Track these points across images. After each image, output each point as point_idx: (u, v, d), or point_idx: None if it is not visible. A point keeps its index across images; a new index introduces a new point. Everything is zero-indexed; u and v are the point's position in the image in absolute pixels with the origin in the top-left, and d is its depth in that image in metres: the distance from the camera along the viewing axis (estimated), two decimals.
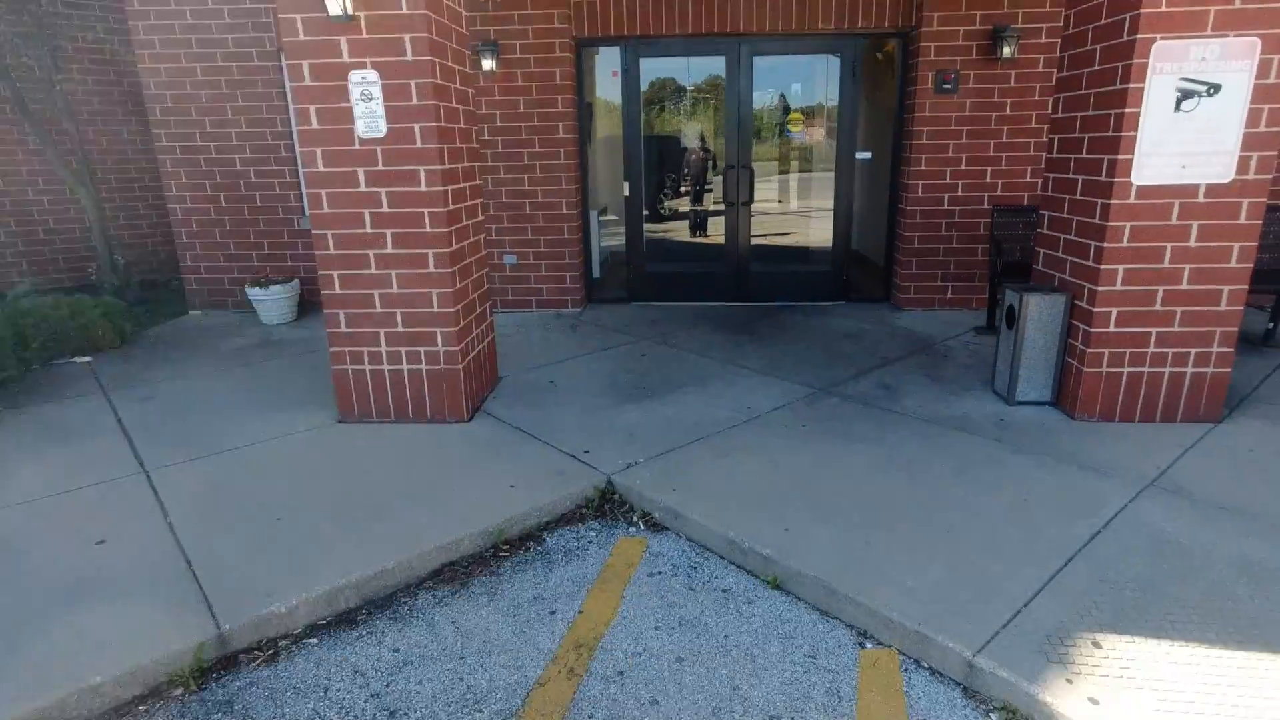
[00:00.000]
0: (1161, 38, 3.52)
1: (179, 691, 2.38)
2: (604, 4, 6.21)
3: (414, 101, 3.83)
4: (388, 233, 4.03)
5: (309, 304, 6.95)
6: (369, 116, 3.86)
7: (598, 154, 7.28)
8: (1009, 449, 3.75)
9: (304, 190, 6.72)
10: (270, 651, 2.56)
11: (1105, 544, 2.88)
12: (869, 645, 2.54)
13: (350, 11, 3.66)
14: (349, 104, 3.85)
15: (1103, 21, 3.80)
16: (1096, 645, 2.32)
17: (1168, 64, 3.55)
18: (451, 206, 4.09)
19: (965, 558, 2.81)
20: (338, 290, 4.15)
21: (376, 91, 3.82)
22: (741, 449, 3.82)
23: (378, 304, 4.15)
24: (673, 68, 7.00)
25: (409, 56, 3.76)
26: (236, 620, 2.55)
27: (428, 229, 4.02)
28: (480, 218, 4.64)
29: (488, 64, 6.15)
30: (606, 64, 6.93)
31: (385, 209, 4.00)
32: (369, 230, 4.03)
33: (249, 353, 5.79)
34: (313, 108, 3.88)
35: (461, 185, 4.26)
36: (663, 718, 2.25)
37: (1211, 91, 3.57)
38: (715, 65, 6.70)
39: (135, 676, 2.34)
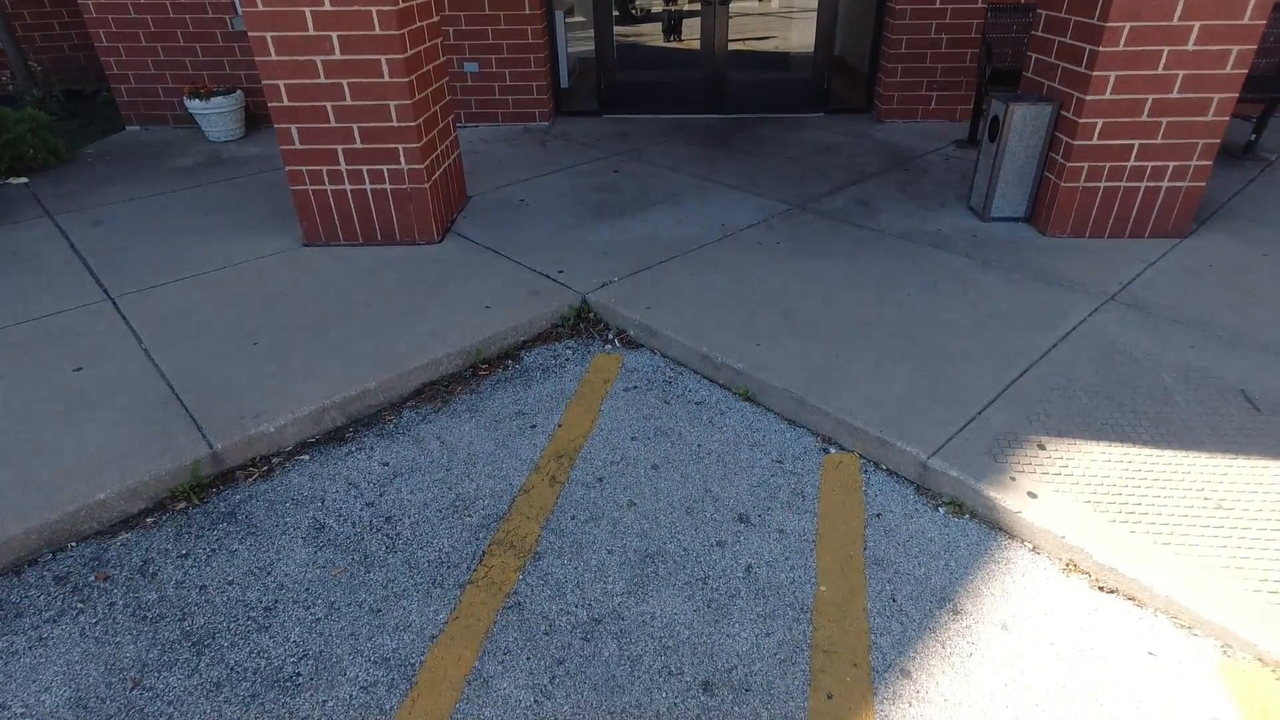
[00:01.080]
0: None
1: (182, 505, 2.51)
2: None
3: None
4: (333, 35, 3.68)
5: (258, 118, 6.49)
6: None
7: None
8: (979, 265, 3.81)
9: None
10: (265, 468, 2.68)
11: (1061, 355, 3.03)
12: (833, 451, 2.73)
13: None
14: None
15: None
16: (1041, 447, 2.51)
17: None
18: (402, 4, 3.71)
19: (929, 369, 2.94)
20: (285, 102, 3.85)
21: None
22: (715, 266, 3.82)
23: (331, 117, 3.88)
24: None
25: None
26: (227, 439, 2.63)
27: (377, 30, 3.67)
28: (435, 18, 4.23)
29: None
30: None
31: (328, 7, 3.61)
32: (312, 33, 3.67)
33: (199, 172, 5.47)
34: None
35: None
36: (640, 516, 2.44)
37: None
38: None
39: (138, 492, 2.45)
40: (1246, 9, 3.50)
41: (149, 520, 2.45)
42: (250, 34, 3.69)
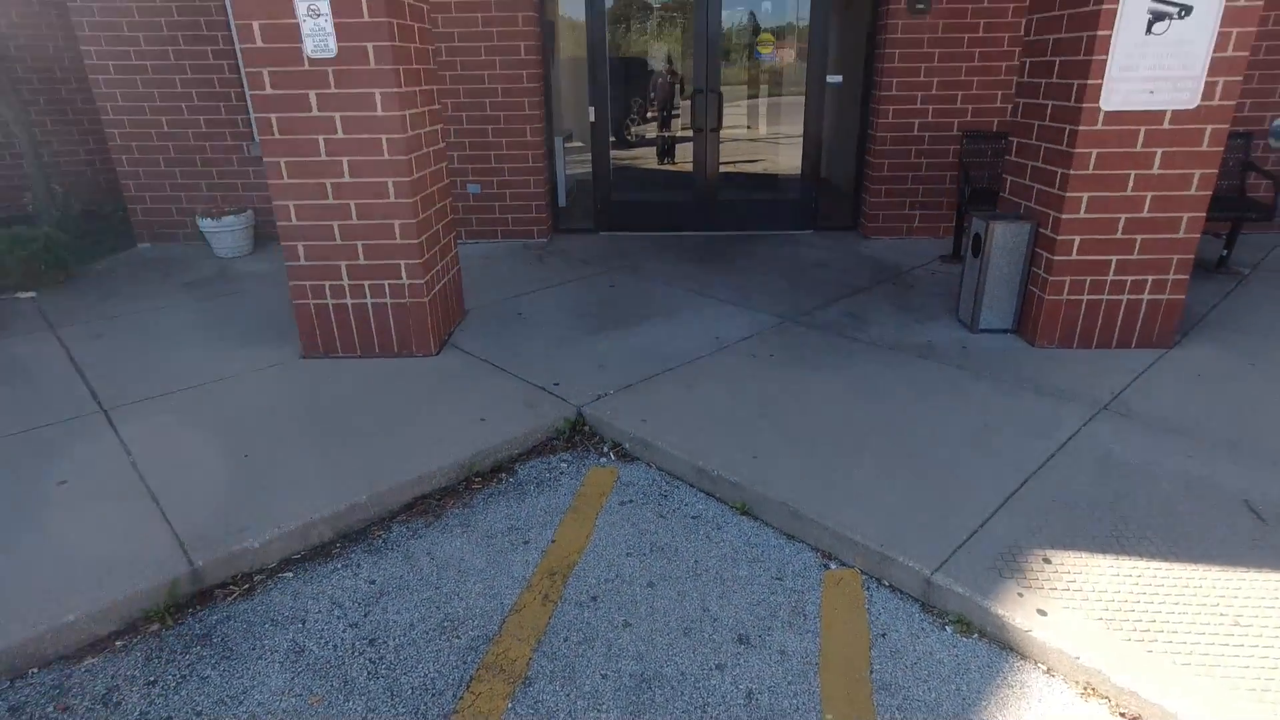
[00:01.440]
0: None
1: (155, 626, 2.40)
2: None
3: (365, 18, 3.61)
4: (344, 160, 3.87)
5: (265, 236, 6.72)
6: (317, 34, 3.64)
7: (562, 76, 7.01)
8: (970, 375, 3.84)
9: (252, 115, 6.39)
10: (245, 585, 2.58)
11: (1059, 465, 3.00)
12: (833, 566, 2.65)
13: None
14: (296, 20, 3.62)
15: None
16: (1047, 561, 2.45)
17: None
18: (410, 132, 3.93)
19: (926, 480, 2.91)
20: (294, 221, 4.00)
21: (324, 7, 3.59)
22: (710, 378, 3.85)
23: (337, 235, 4.02)
24: None
25: None
26: (209, 556, 2.55)
27: (386, 156, 3.86)
28: (441, 144, 4.48)
29: None
30: None
31: (340, 135, 3.82)
32: (324, 157, 3.87)
33: (204, 286, 5.60)
34: (255, 23, 3.64)
35: (420, 110, 4.09)
36: (636, 638, 2.33)
37: (1183, 13, 3.53)
38: None
39: (109, 613, 2.35)
40: (1203, 138, 3.73)
41: (118, 643, 2.33)
42: (265, 159, 3.89)
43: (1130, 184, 3.84)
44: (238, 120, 6.51)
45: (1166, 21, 3.54)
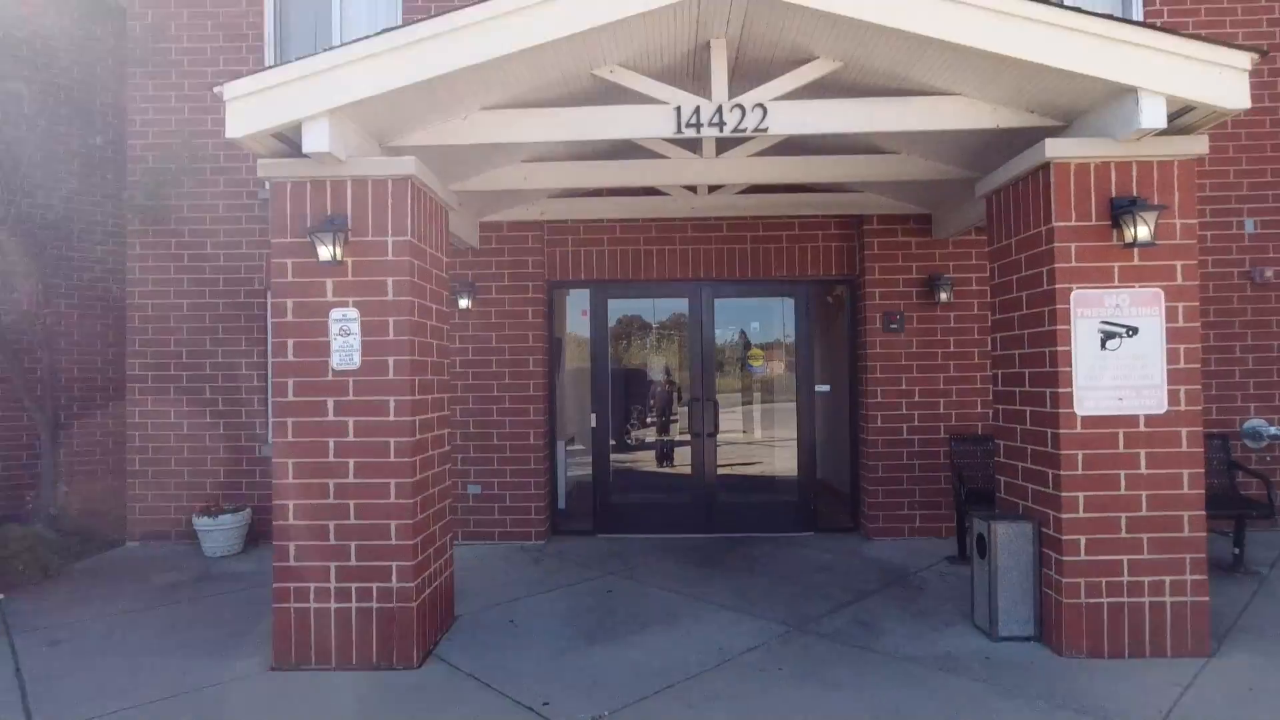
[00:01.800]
0: (1077, 287, 3.91)
1: None
2: (574, 254, 6.80)
3: (390, 337, 3.98)
4: (350, 462, 3.98)
5: (260, 534, 6.62)
6: (345, 350, 3.98)
7: (566, 385, 7.53)
8: (999, 692, 3.50)
9: (270, 419, 6.72)
10: None
11: None
12: None
13: (339, 257, 3.93)
14: (327, 339, 3.99)
15: (1024, 273, 4.24)
16: None
17: (1088, 309, 3.91)
18: (418, 436, 4.09)
19: None
20: (291, 520, 3.98)
21: (355, 328, 3.98)
22: (714, 698, 3.50)
23: (332, 535, 3.97)
24: (639, 307, 7.51)
25: (389, 296, 3.99)
26: None
27: (392, 458, 3.98)
28: (447, 448, 4.64)
29: (464, 302, 6.53)
30: (577, 303, 7.41)
31: (351, 438, 3.98)
32: (331, 459, 3.98)
33: (183, 589, 5.37)
34: (290, 341, 4.00)
35: (430, 415, 4.31)
36: None
37: (1131, 333, 3.90)
38: (679, 305, 7.22)
39: None
40: (1181, 439, 3.88)
41: None
42: (274, 460, 3.99)
43: (1123, 483, 3.89)
44: (255, 424, 6.82)
45: (1118, 339, 3.90)
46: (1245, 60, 3.57)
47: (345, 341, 3.98)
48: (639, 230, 6.78)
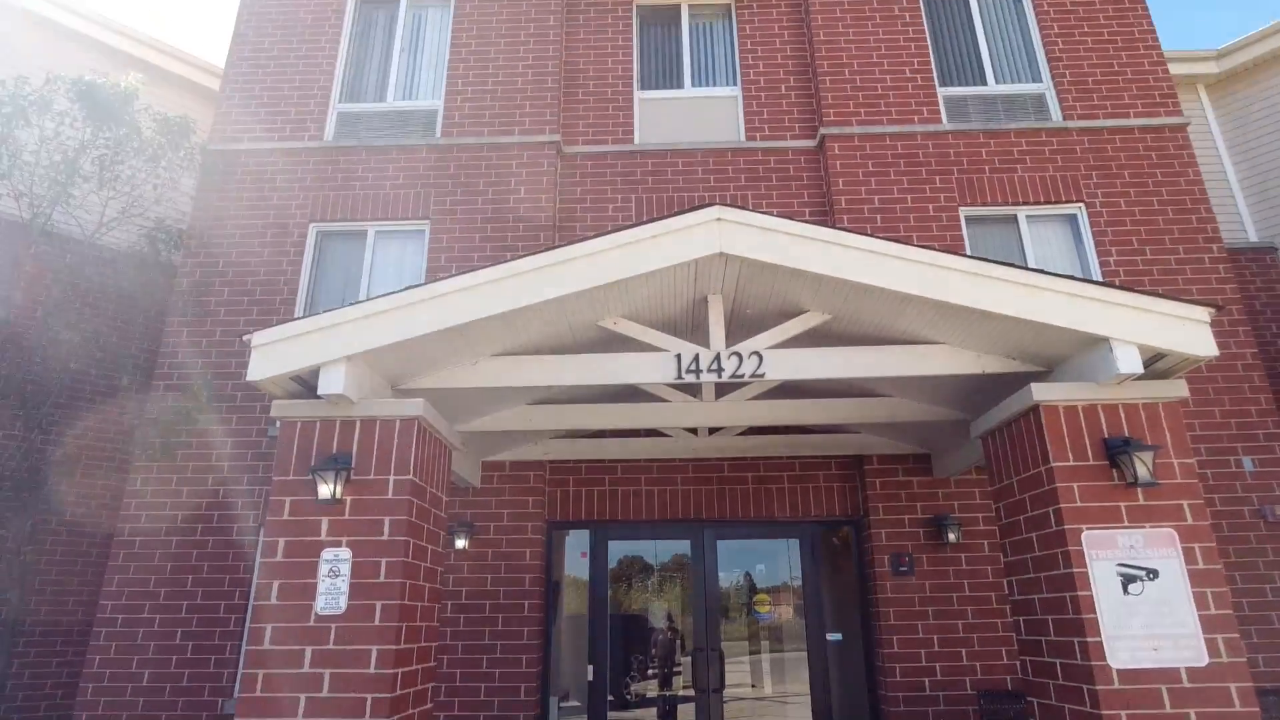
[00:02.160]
0: (1088, 528, 3.84)
1: None
2: (576, 494, 6.77)
3: (381, 579, 3.83)
4: None
5: None
6: (331, 593, 3.81)
7: (563, 632, 7.06)
8: None
9: (240, 670, 6.22)
10: None
11: None
12: None
13: (338, 495, 3.92)
14: (315, 580, 3.83)
15: (1031, 513, 4.19)
16: None
17: (1102, 550, 3.79)
18: (399, 692, 3.76)
19: None
20: None
21: (345, 569, 3.85)
22: None
23: None
24: (640, 548, 7.30)
25: (385, 536, 3.91)
26: None
27: (367, 717, 3.61)
28: (428, 705, 4.23)
29: (460, 543, 6.36)
30: (576, 545, 7.21)
31: (324, 694, 3.65)
32: (300, 718, 3.61)
33: None
34: (275, 583, 3.84)
35: (414, 667, 4.00)
36: None
37: (1151, 576, 3.74)
38: (681, 546, 7.01)
39: None
40: (1232, 698, 3.54)
41: None
42: (236, 719, 3.63)
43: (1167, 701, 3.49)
44: (223, 675, 6.29)
45: (1139, 583, 3.74)
46: (1204, 313, 3.86)
47: (333, 584, 3.82)
48: (640, 470, 6.82)
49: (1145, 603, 3.70)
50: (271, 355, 3.94)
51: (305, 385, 4.08)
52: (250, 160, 7.78)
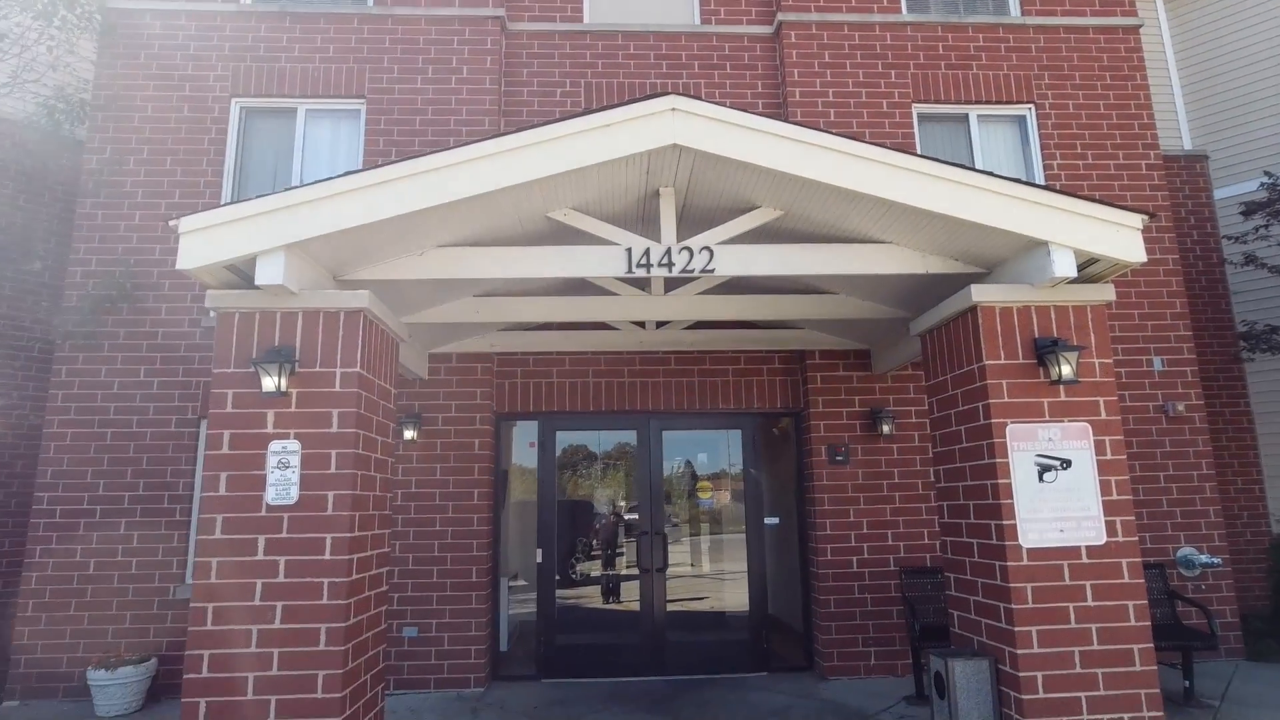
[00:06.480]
0: (1012, 422, 4.10)
1: None
2: (524, 386, 6.81)
3: (332, 470, 3.84)
4: (278, 605, 3.70)
5: (165, 688, 5.98)
6: (282, 484, 3.81)
7: (511, 518, 7.29)
8: None
9: (190, 559, 6.27)
10: None
11: None
12: None
13: (284, 388, 3.84)
14: (264, 472, 3.82)
15: (961, 408, 4.43)
16: None
17: (1023, 443, 4.08)
18: (355, 576, 3.86)
19: None
20: (204, 674, 3.62)
21: (295, 460, 3.84)
22: None
23: (250, 689, 3.62)
24: (586, 438, 7.47)
25: (334, 429, 3.89)
26: None
27: (325, 600, 3.72)
28: (384, 588, 4.37)
29: (409, 434, 6.39)
30: (524, 435, 7.34)
31: (281, 578, 3.73)
32: (257, 602, 3.69)
33: None
34: (224, 474, 3.81)
35: (369, 553, 4.09)
36: None
37: (1065, 465, 4.06)
38: (627, 436, 7.21)
39: None
40: (1122, 571, 3.96)
41: None
42: (192, 604, 3.69)
43: (1072, 616, 3.90)
44: (173, 562, 6.32)
45: (1054, 472, 4.05)
46: (1138, 220, 4.01)
47: (283, 475, 3.82)
48: (588, 363, 6.88)
49: (1057, 490, 4.03)
50: (203, 242, 3.72)
51: (241, 275, 3.90)
52: (157, 23, 7.05)
